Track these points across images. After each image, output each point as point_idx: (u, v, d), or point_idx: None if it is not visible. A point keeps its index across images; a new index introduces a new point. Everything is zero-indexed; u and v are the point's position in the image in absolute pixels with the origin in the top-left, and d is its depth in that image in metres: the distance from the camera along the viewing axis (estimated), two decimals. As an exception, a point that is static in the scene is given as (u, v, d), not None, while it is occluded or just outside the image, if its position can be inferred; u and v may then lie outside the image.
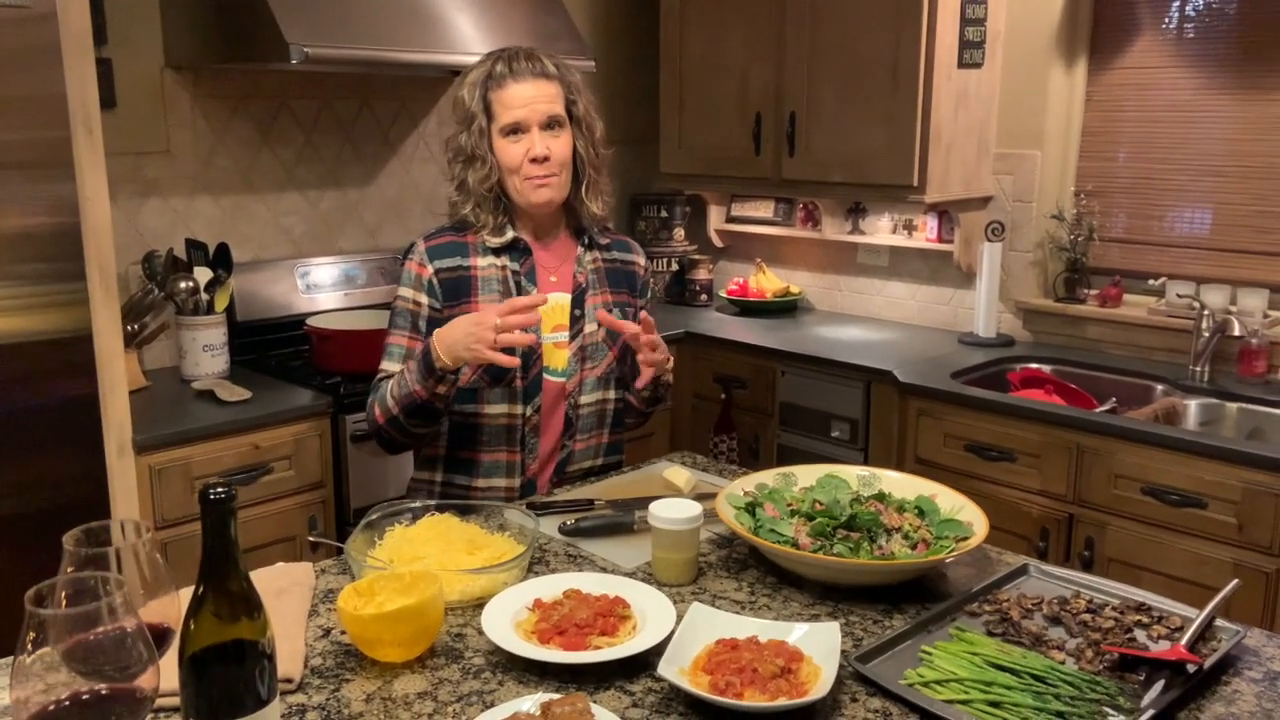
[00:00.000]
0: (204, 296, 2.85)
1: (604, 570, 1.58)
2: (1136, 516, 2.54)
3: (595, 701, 1.24)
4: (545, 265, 1.95)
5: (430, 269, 1.89)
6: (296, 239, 3.25)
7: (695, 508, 1.53)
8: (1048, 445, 2.67)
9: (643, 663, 1.30)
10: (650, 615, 1.39)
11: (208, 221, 3.05)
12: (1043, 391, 2.94)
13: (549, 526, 1.71)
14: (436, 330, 1.77)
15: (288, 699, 1.24)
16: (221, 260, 2.92)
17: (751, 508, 1.62)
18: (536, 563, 1.61)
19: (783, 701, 1.19)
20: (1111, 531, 2.58)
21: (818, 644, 1.30)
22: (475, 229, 1.91)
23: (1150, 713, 1.20)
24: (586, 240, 1.99)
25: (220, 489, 1.00)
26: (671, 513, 1.51)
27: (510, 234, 1.91)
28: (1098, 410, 2.83)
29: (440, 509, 1.67)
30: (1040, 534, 2.71)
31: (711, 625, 1.34)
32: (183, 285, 2.82)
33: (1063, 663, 1.32)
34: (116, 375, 2.39)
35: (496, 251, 1.91)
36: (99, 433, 2.38)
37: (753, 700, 1.20)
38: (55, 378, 2.35)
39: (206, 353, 2.87)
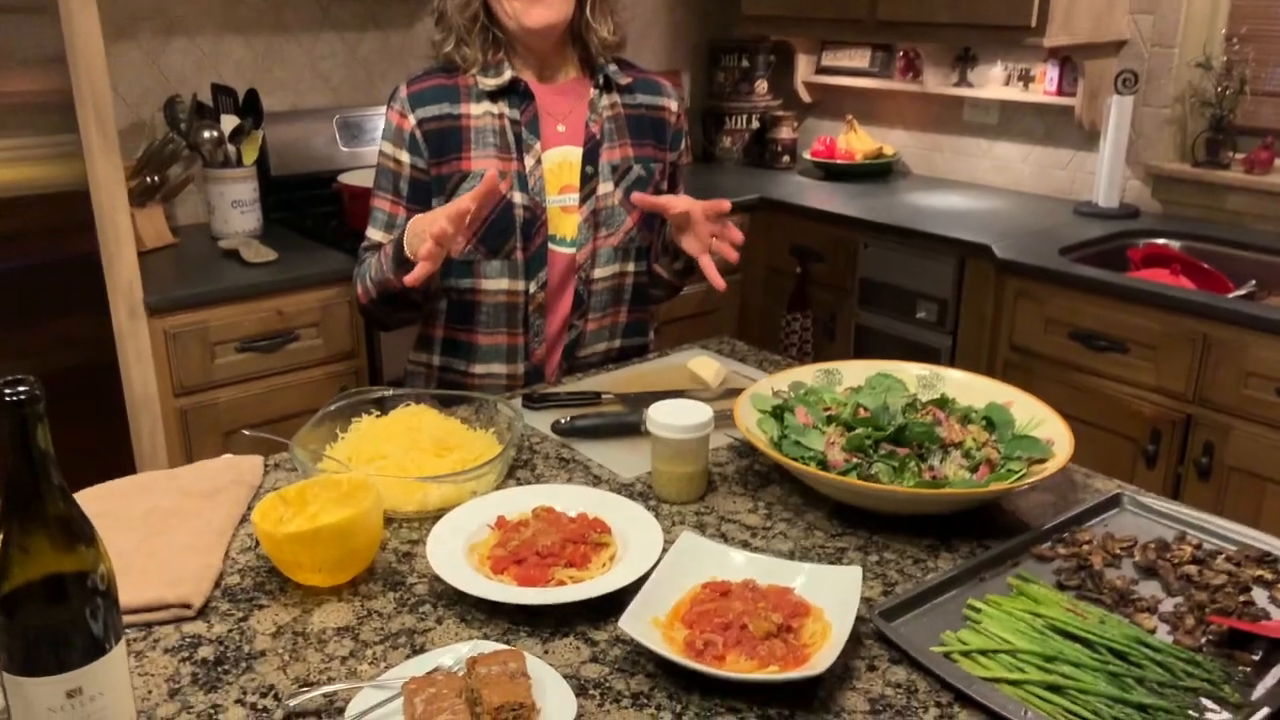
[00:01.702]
0: (230, 148, 2.63)
1: (597, 480, 1.33)
2: (1268, 421, 2.17)
3: (548, 651, 1.01)
4: (551, 112, 1.64)
5: (412, 120, 1.60)
6: (335, 86, 2.99)
7: (703, 412, 1.25)
8: (1169, 335, 2.30)
9: (615, 602, 1.05)
10: (633, 543, 1.14)
11: (237, 65, 2.81)
12: (1168, 272, 2.54)
13: (546, 422, 1.46)
14: (415, 217, 1.51)
15: (183, 628, 1.04)
16: (250, 108, 2.69)
17: (780, 412, 1.34)
18: (521, 466, 1.36)
19: (770, 672, 0.94)
20: (1236, 437, 2.22)
21: (831, 593, 1.03)
22: (465, 70, 1.61)
23: (1264, 711, 0.90)
24: (602, 80, 1.67)
25: (20, 388, 0.76)
26: (673, 417, 1.24)
27: (508, 74, 1.60)
28: (1232, 295, 2.43)
29: (418, 399, 1.44)
30: (1150, 436, 2.36)
31: (701, 561, 1.08)
32: (206, 135, 2.60)
33: (1153, 631, 1.02)
34: (121, 232, 2.21)
35: (493, 96, 1.61)
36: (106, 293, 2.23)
37: (735, 667, 0.95)
38: (55, 235, 2.18)
39: (236, 209, 2.67)
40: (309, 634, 1.03)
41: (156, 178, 2.56)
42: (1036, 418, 1.32)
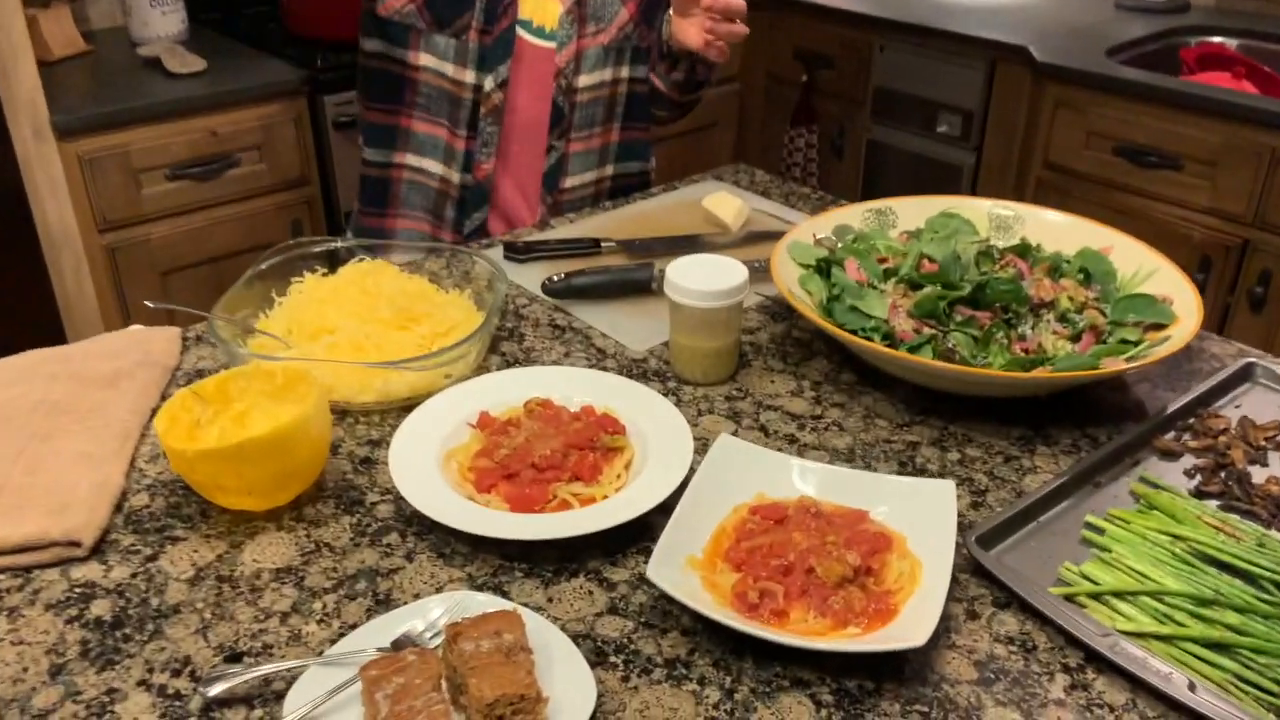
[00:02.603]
0: (143, -66, 2.23)
1: (601, 355, 1.07)
2: (1338, 249, 1.93)
3: (551, 599, 0.77)
4: None
5: None
6: None
7: (736, 273, 0.99)
8: (1229, 148, 2.02)
9: (638, 528, 0.82)
10: (654, 445, 0.89)
11: None
12: (1229, 75, 2.24)
13: (534, 278, 1.19)
14: None
15: (72, 572, 0.80)
16: (163, -115, 2.27)
17: (827, 266, 1.07)
18: (506, 338, 1.10)
19: (851, 638, 0.71)
20: (1299, 266, 1.98)
21: (915, 515, 0.80)
22: None
23: None
24: None
25: None
26: (699, 280, 0.97)
27: None
28: (1301, 103, 2.14)
29: (374, 252, 1.16)
30: (1199, 263, 2.11)
31: (745, 473, 0.84)
32: (112, -81, 2.19)
33: (1324, 557, 0.80)
34: (16, 37, 1.87)
35: None
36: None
37: (802, 627, 0.72)
38: (-68, 43, 1.83)
39: (156, 9, 2.30)
40: (238, 579, 0.79)
41: (57, -28, 2.17)
42: (1145, 268, 1.06)
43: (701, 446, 0.90)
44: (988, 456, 0.92)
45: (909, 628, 0.71)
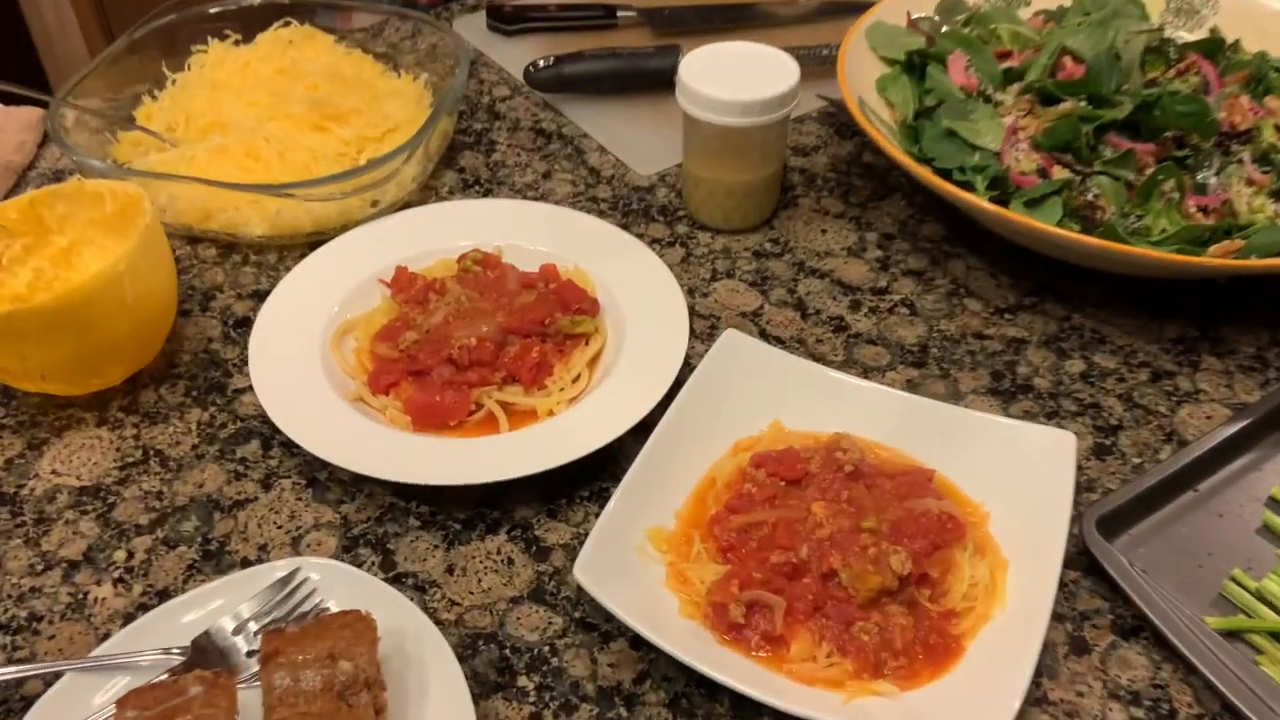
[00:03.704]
0: None
1: (595, 178, 0.78)
2: None
3: (452, 569, 0.53)
4: None
5: None
6: None
7: (781, 72, 0.67)
8: None
9: (594, 458, 0.56)
10: (634, 328, 0.62)
11: None
12: None
13: (519, 62, 0.88)
14: None
15: None
16: None
17: (921, 63, 0.75)
18: (470, 145, 0.81)
19: (879, 706, 0.45)
20: None
21: (1014, 482, 0.52)
22: None
23: None
24: None
25: None
26: (722, 83, 0.66)
27: None
28: None
29: (298, 12, 0.86)
30: None
31: (756, 392, 0.57)
32: None
33: None
34: None
35: None
36: None
37: (805, 672, 0.46)
38: None
39: None
40: (23, 500, 0.57)
41: None
42: (1397, 88, 0.72)
43: (708, 332, 0.63)
44: (1127, 370, 0.63)
45: (978, 684, 0.45)
